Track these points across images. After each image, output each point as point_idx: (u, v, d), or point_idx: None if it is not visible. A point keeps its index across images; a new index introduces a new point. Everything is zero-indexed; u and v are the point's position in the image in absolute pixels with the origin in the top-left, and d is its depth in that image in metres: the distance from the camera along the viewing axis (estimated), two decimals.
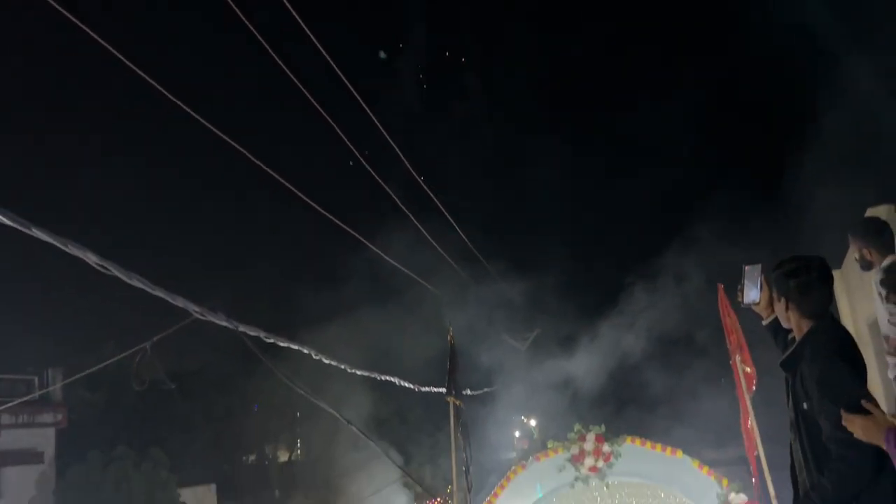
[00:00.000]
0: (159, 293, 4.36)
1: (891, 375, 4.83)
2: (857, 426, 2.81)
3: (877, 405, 2.89)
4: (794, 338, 3.49)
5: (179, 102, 7.26)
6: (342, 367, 7.35)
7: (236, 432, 26.53)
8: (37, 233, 3.55)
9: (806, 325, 3.38)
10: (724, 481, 7.88)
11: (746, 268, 3.69)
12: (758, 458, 8.07)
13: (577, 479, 8.49)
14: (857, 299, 8.82)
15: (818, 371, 3.15)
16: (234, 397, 25.16)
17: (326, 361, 6.78)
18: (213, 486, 24.20)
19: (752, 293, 3.68)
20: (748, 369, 8.13)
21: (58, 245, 3.72)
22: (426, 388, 11.29)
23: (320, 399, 5.72)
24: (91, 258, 3.95)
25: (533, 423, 28.48)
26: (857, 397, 2.93)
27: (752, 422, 8.07)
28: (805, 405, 3.24)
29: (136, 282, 4.16)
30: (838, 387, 3.04)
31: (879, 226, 4.75)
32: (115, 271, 3.97)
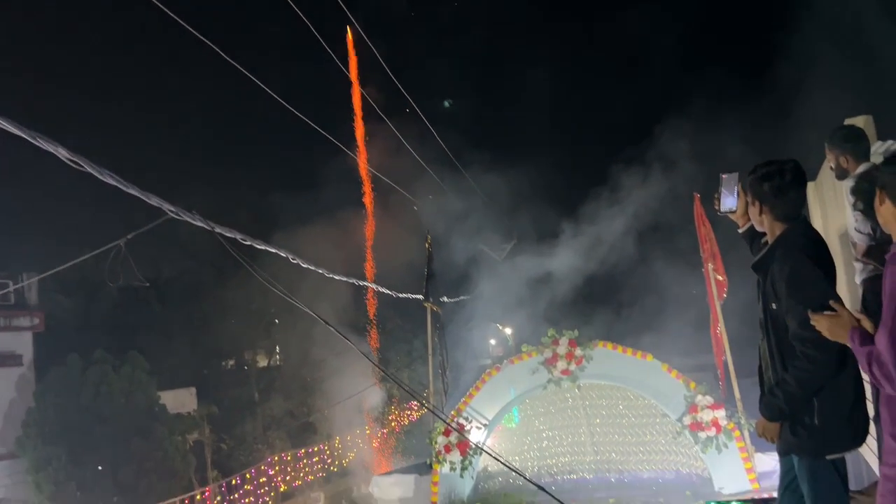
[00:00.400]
0: (133, 191, 4.29)
1: (857, 280, 4.94)
2: (823, 325, 2.88)
3: (843, 305, 2.95)
4: (766, 241, 3.54)
5: (160, 5, 6.98)
6: (319, 271, 7.37)
7: (215, 338, 26.75)
8: (4, 124, 3.44)
9: (779, 229, 3.42)
10: (692, 384, 8.15)
11: (723, 176, 3.69)
12: (725, 363, 8.35)
13: (549, 381, 8.73)
14: (829, 210, 8.92)
15: (788, 271, 3.21)
16: (212, 304, 25.29)
17: (304, 265, 6.79)
18: (192, 390, 24.63)
19: (729, 201, 3.70)
20: (720, 277, 8.30)
21: (27, 138, 3.61)
22: (404, 295, 11.43)
23: (298, 300, 5.73)
24: (62, 153, 3.86)
25: (508, 331, 29.05)
26: (824, 297, 2.99)
27: (721, 328, 8.31)
28: (774, 305, 3.31)
29: (109, 178, 4.08)
30: (807, 286, 3.11)
31: (856, 134, 4.77)
32: (87, 167, 3.89)
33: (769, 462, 7.76)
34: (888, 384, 2.52)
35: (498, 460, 6.08)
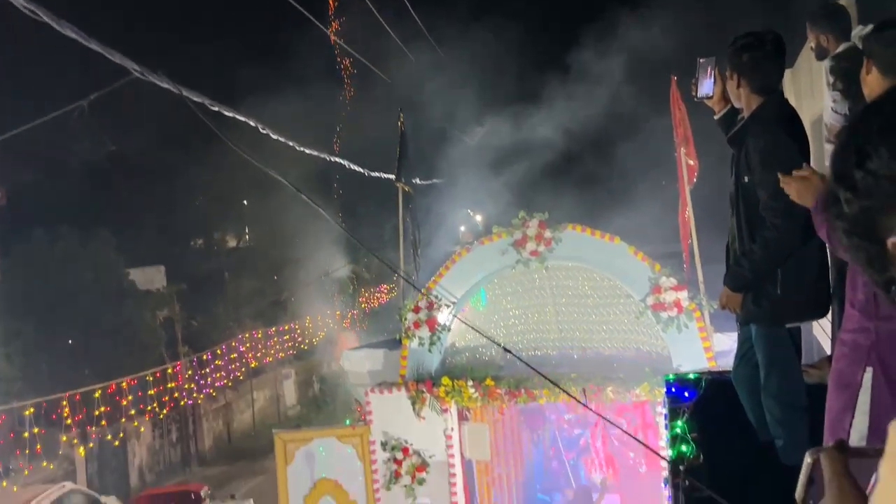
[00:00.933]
0: (94, 46, 4.09)
1: (827, 164, 5.00)
2: (792, 188, 2.91)
3: (814, 171, 2.99)
4: (743, 117, 3.54)
5: None
6: (290, 144, 7.23)
7: (182, 217, 26.54)
8: None
9: (755, 102, 3.42)
10: (657, 267, 8.32)
11: (701, 60, 3.66)
12: (690, 246, 8.54)
13: (518, 261, 8.85)
14: (804, 101, 8.92)
15: (762, 142, 3.23)
16: (179, 182, 24.94)
17: (274, 136, 6.66)
18: (161, 268, 24.68)
19: (706, 86, 3.68)
20: (691, 162, 8.35)
21: None
22: (376, 174, 11.35)
23: (266, 171, 5.65)
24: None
25: (478, 217, 29.22)
26: (796, 165, 3.03)
27: (689, 212, 8.43)
28: (746, 178, 3.35)
29: (69, 31, 3.88)
30: (780, 158, 3.14)
31: (839, 12, 4.70)
32: (45, 17, 3.68)
33: (726, 342, 8.08)
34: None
35: (470, 326, 6.23)
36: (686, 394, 4.68)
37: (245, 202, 29.13)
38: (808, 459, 1.27)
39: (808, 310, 3.39)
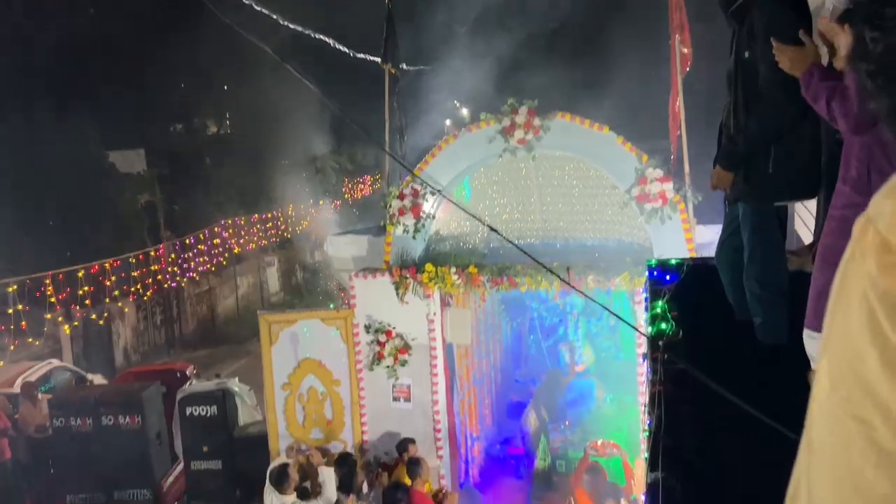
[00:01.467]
0: None
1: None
2: (786, 56, 2.86)
3: (812, 41, 2.93)
4: None
5: None
6: (273, 17, 6.97)
7: (163, 102, 25.90)
8: None
9: None
10: (644, 157, 8.29)
11: None
12: (679, 137, 8.48)
13: (505, 150, 8.77)
14: None
15: (766, 17, 3.15)
16: (159, 66, 24.16)
17: (257, 8, 6.40)
18: (141, 151, 24.30)
19: None
20: (685, 50, 8.18)
21: None
22: (361, 55, 11.05)
23: (253, 37, 5.44)
24: None
25: (465, 111, 28.80)
26: (798, 41, 2.97)
27: (679, 102, 8.33)
28: (746, 54, 3.29)
29: None
30: (782, 31, 3.07)
31: None
32: None
33: (708, 234, 8.16)
34: (844, 121, 2.56)
35: (457, 205, 6.22)
36: (668, 277, 4.77)
37: (226, 87, 28.43)
38: None
39: (798, 189, 3.40)
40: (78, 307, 16.42)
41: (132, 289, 18.30)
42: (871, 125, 2.41)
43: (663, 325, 3.96)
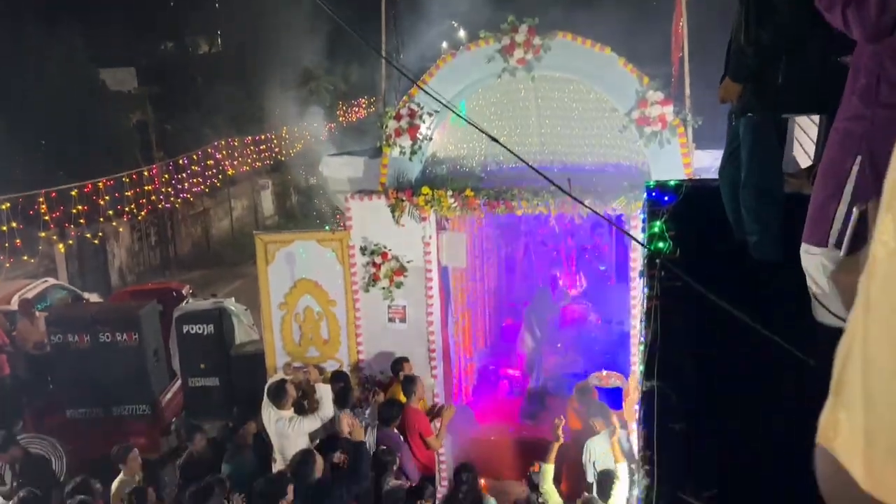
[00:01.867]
0: None
1: None
2: None
3: None
4: None
5: None
6: None
7: (153, 19, 25.24)
8: None
9: None
10: (646, 79, 8.16)
11: None
12: (681, 59, 8.32)
13: (504, 70, 8.60)
14: None
15: None
16: None
17: None
18: (132, 70, 23.80)
19: None
20: None
21: None
22: None
23: None
24: None
25: (462, 33, 28.19)
26: None
27: (683, 23, 8.14)
28: None
29: None
30: None
31: None
32: None
33: (707, 159, 8.11)
34: (861, 29, 2.49)
35: (462, 117, 6.13)
36: (666, 198, 4.76)
37: (217, 4, 27.70)
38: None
39: (805, 102, 3.35)
40: (71, 226, 16.35)
41: (126, 209, 18.21)
42: (888, 33, 2.35)
43: (661, 244, 3.97)
